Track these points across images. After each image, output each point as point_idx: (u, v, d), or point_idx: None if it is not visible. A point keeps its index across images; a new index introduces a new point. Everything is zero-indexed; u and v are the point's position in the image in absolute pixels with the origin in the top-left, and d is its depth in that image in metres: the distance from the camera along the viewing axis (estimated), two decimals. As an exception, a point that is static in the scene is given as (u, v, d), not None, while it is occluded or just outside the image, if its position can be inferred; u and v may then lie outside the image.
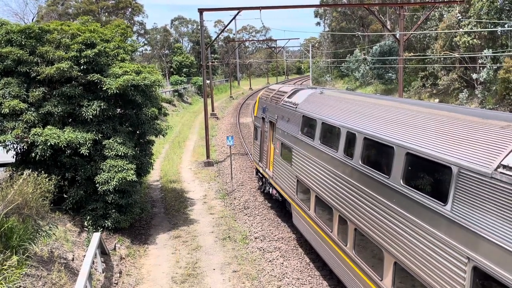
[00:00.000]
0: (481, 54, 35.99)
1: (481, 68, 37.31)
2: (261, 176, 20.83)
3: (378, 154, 9.87)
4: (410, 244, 7.91)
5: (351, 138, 10.89)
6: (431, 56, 42.24)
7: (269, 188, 19.21)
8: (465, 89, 39.97)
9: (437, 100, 43.20)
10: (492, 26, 34.77)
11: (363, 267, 9.83)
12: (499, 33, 37.06)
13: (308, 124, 14.19)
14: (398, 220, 8.38)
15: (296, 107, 15.41)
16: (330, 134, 12.40)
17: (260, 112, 20.75)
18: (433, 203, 7.35)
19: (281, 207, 18.60)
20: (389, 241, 8.62)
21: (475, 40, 36.24)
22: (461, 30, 37.24)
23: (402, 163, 8.44)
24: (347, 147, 11.06)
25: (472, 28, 35.50)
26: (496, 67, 35.59)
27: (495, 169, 6.16)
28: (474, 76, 38.08)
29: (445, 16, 41.58)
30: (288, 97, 16.95)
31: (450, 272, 6.83)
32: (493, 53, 35.25)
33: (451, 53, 38.30)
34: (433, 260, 7.21)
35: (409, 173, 8.31)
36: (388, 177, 8.85)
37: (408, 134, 8.69)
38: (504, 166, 6.03)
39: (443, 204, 7.11)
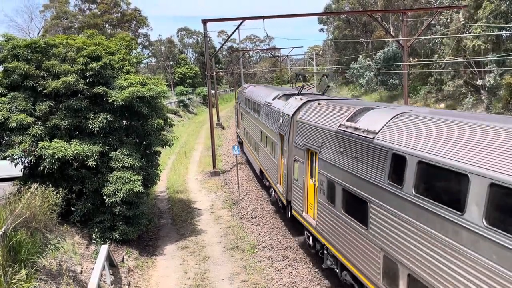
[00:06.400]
0: (486, 58, 35.76)
1: (486, 73, 37.06)
2: (237, 135, 37.40)
3: (259, 108, 22.98)
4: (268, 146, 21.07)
5: (255, 104, 24.71)
6: (435, 62, 42.10)
7: (239, 140, 34.51)
8: (470, 94, 39.78)
9: (442, 105, 43.03)
10: (497, 30, 34.58)
11: (257, 158, 23.39)
12: (504, 36, 36.84)
13: (247, 101, 28.76)
14: (266, 134, 20.85)
15: (245, 93, 30.85)
16: (253, 104, 26.03)
17: (237, 99, 38.53)
18: (275, 129, 18.59)
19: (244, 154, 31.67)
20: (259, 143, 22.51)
21: (483, 44, 35.96)
22: (465, 34, 37.10)
23: (264, 111, 21.16)
24: (254, 108, 24.87)
25: (480, 32, 35.28)
26: (502, 71, 35.33)
27: (292, 115, 15.94)
28: (479, 82, 37.87)
29: (452, 19, 41.42)
30: (244, 90, 32.77)
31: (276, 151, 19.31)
32: (497, 57, 35.03)
33: (455, 58, 38.13)
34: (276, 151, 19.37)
35: (268, 116, 20.25)
36: (258, 115, 22.95)
37: (266, 99, 21.63)
38: (294, 114, 16.11)
39: (276, 132, 18.43)
